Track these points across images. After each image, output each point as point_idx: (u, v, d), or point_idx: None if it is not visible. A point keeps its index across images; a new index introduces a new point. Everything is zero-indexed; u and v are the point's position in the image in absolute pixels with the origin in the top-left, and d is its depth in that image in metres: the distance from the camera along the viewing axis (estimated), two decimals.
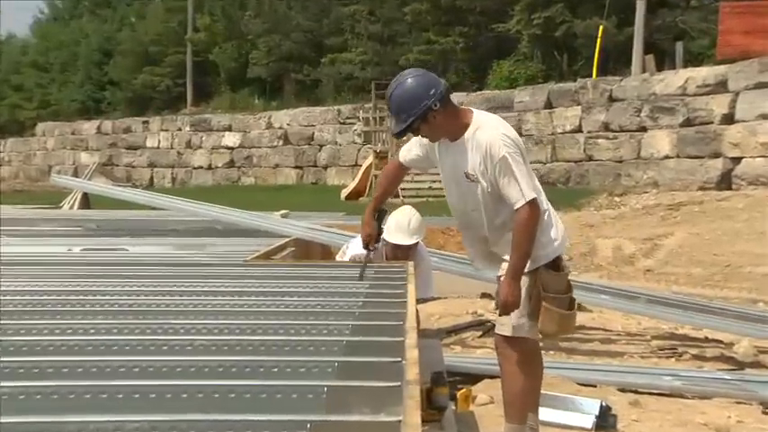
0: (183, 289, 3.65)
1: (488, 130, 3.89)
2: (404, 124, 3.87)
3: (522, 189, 3.81)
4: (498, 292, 3.98)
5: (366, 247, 4.28)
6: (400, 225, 5.19)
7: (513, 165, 3.81)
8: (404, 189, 19.04)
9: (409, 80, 3.88)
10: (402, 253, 5.16)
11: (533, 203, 3.82)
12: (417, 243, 5.43)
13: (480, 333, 6.88)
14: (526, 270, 3.94)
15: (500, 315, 3.98)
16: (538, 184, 4.01)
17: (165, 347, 2.50)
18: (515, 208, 3.83)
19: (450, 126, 3.94)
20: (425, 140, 4.07)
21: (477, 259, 4.21)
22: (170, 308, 3.15)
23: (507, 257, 3.97)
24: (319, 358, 2.38)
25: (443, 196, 4.27)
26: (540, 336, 4.06)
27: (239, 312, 3.04)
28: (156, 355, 2.42)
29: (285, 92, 30.43)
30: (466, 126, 3.93)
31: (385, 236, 5.08)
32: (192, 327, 2.75)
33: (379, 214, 4.31)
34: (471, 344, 6.68)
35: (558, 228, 4.04)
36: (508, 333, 4.04)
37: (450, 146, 4.02)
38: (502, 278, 3.96)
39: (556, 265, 4.00)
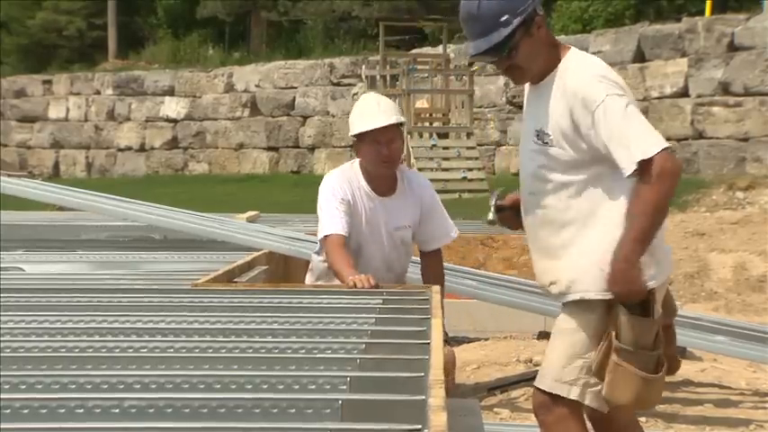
0: (104, 326, 3.68)
1: (581, 71, 3.95)
2: (506, 29, 3.89)
3: (647, 137, 3.80)
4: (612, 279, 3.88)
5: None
6: (370, 108, 5.23)
7: (621, 109, 3.83)
8: None
9: None
10: (387, 149, 5.12)
11: (665, 156, 3.77)
12: (404, 134, 5.45)
13: None
14: (595, 295, 3.94)
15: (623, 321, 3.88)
16: None
17: (80, 410, 2.54)
18: (635, 164, 3.77)
19: (546, 54, 4.01)
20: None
21: (546, 280, 4.19)
22: (86, 353, 3.19)
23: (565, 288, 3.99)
24: (306, 425, 2.42)
25: (482, 191, 4.33)
26: (606, 405, 4.04)
27: (186, 359, 3.08)
28: (61, 422, 2.46)
29: (252, 38, 30.46)
30: (557, 61, 4.02)
31: (357, 129, 5.12)
32: (120, 380, 2.80)
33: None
34: (524, 406, 6.71)
35: (660, 247, 4.02)
36: (545, 386, 4.04)
37: (531, 92, 4.12)
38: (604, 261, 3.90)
39: (643, 304, 3.95)
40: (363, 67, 23.87)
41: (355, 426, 2.45)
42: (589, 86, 3.89)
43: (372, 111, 5.18)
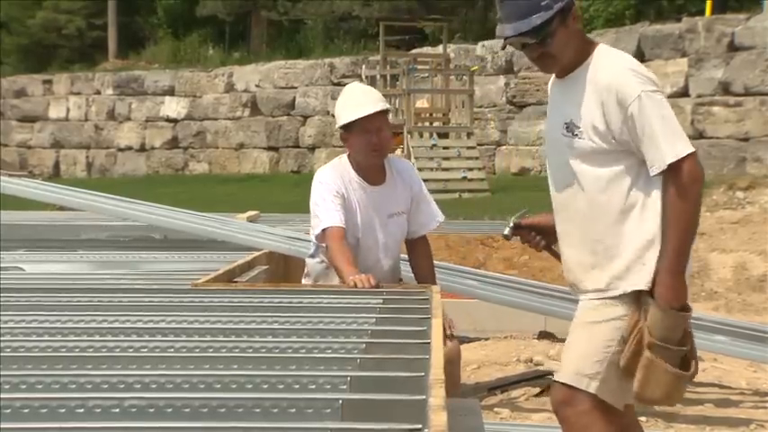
0: (104, 326, 3.68)
1: (613, 64, 3.99)
2: (547, 13, 3.93)
3: (678, 139, 3.85)
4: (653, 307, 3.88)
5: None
6: (356, 97, 5.25)
7: (656, 107, 3.87)
8: (425, 181, 19.13)
9: None
10: (376, 137, 5.15)
11: (693, 160, 3.84)
12: (390, 122, 5.48)
13: (538, 390, 6.92)
14: (623, 289, 3.93)
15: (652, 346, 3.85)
16: None
17: (81, 410, 2.54)
18: (665, 164, 3.82)
19: (576, 47, 4.05)
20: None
21: (577, 278, 4.16)
22: (86, 353, 3.19)
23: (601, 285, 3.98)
24: (306, 425, 2.42)
25: (481, 191, 4.34)
26: (620, 403, 4.03)
27: (186, 359, 3.08)
28: (61, 422, 2.46)
29: (253, 38, 30.46)
30: (586, 54, 4.05)
31: (345, 119, 5.14)
32: (120, 380, 2.80)
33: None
34: (525, 405, 6.71)
35: None
36: (565, 379, 4.02)
37: (556, 85, 4.16)
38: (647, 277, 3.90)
39: None
40: (363, 67, 23.88)
41: (355, 425, 2.45)
42: (623, 80, 3.92)
43: (358, 100, 5.20)
